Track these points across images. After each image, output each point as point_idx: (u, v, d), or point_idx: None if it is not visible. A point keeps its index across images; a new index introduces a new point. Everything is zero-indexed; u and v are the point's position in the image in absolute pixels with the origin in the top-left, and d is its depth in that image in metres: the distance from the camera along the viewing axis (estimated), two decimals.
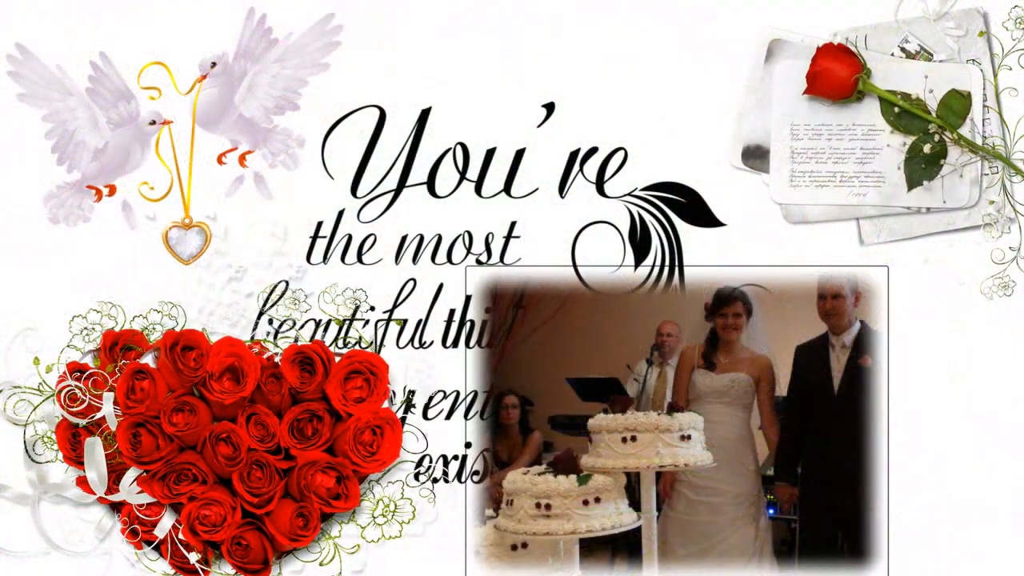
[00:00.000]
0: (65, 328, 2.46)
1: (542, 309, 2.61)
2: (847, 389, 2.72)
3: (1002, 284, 2.44)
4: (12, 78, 2.45)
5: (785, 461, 2.89)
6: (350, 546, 2.49)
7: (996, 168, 2.42)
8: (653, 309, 2.76)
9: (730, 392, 2.92)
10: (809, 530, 2.81)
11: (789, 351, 2.84)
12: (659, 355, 2.98)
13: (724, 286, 2.70)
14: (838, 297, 2.70)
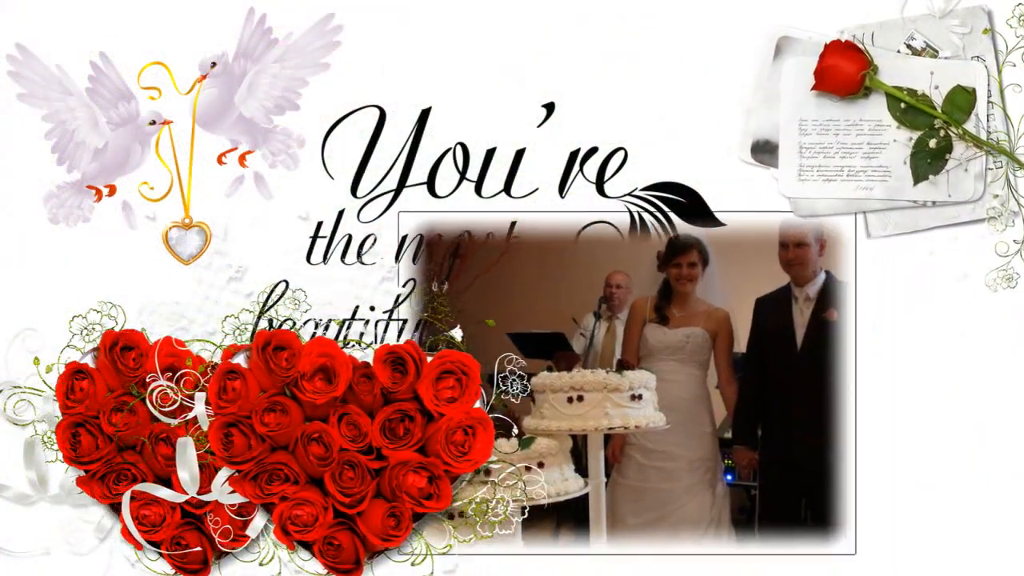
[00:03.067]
0: (65, 328, 2.47)
1: (481, 258, 2.53)
2: (811, 345, 2.63)
3: (1006, 276, 2.46)
4: (12, 78, 2.47)
5: (744, 423, 2.77)
6: (442, 546, 2.48)
7: (1000, 163, 2.44)
8: (601, 259, 2.67)
9: (684, 348, 2.81)
10: (770, 498, 2.70)
11: (749, 304, 2.73)
12: (608, 308, 2.85)
13: (679, 233, 2.54)
14: (801, 245, 2.60)
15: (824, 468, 2.47)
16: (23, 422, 2.46)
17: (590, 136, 2.50)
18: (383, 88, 2.49)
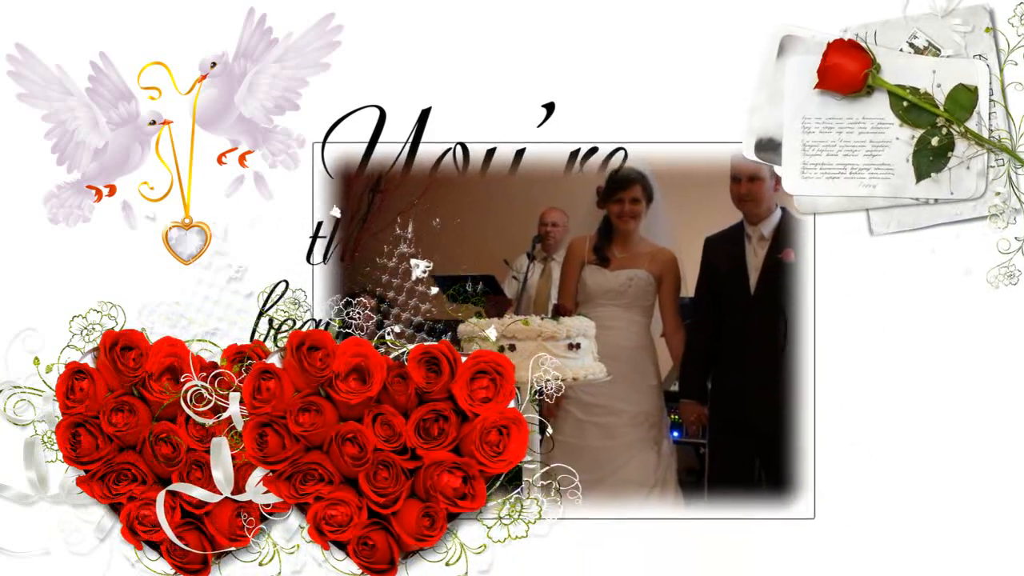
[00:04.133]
0: (65, 328, 2.47)
1: (403, 194, 2.42)
2: (766, 289, 2.51)
3: (1007, 273, 2.47)
4: (12, 78, 2.47)
5: (692, 375, 2.60)
6: (476, 546, 2.47)
7: (1002, 160, 2.45)
8: (536, 194, 2.50)
9: (627, 292, 2.62)
10: (721, 457, 2.55)
11: (697, 244, 2.56)
12: (542, 248, 2.66)
13: (620, 166, 2.37)
14: (755, 179, 2.50)
15: (780, 425, 2.35)
16: (23, 422, 2.47)
17: (590, 136, 2.50)
18: (383, 88, 2.49)
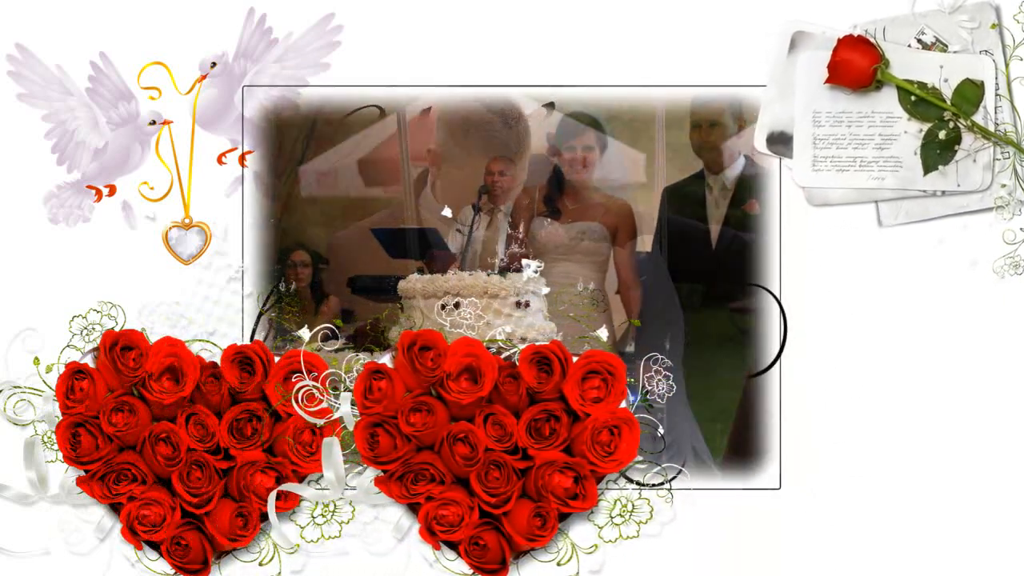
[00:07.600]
0: (65, 328, 2.47)
1: (342, 140, 2.38)
2: (728, 243, 2.44)
3: (1013, 264, 2.50)
4: (12, 78, 2.48)
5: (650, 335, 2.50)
6: (587, 546, 2.46)
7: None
8: (482, 142, 2.38)
9: (579, 246, 2.49)
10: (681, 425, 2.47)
11: (655, 194, 2.47)
12: (489, 199, 2.52)
13: (572, 111, 2.24)
14: (716, 125, 2.42)
15: (745, 391, 2.31)
16: (23, 422, 2.47)
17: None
18: (383, 88, 2.50)
